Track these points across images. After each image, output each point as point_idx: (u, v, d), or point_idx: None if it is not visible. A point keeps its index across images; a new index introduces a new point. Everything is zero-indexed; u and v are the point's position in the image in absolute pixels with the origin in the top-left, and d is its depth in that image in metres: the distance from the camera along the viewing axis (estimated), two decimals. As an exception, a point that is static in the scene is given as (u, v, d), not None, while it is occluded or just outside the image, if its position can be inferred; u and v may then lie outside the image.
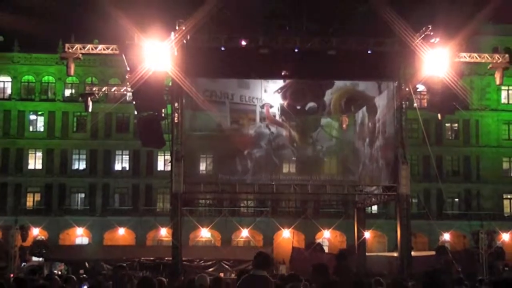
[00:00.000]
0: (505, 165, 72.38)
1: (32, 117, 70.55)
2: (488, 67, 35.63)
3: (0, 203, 67.65)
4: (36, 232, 59.91)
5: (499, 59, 33.52)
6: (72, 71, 33.13)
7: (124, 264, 14.93)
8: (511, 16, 67.00)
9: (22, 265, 43.98)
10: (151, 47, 26.94)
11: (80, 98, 42.45)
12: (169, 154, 32.79)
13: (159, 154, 64.65)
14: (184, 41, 27.62)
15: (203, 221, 61.65)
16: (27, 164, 69.64)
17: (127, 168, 70.29)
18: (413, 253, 31.20)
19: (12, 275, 21.09)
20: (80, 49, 31.72)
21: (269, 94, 31.72)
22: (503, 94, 71.17)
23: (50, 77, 70.14)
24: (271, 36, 28.38)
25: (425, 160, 61.28)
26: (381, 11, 27.24)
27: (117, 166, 70.54)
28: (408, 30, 28.02)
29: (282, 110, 32.21)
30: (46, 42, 66.34)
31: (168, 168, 34.49)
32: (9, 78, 70.59)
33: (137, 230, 66.93)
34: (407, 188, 29.88)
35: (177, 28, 27.42)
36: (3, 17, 74.58)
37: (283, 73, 30.26)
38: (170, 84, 29.55)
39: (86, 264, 35.18)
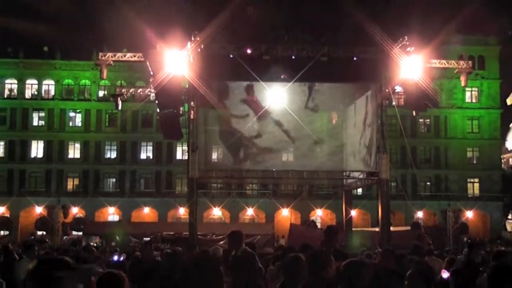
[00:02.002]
0: (469, 154, 72.42)
1: (72, 114, 70.66)
2: (455, 72, 35.48)
3: (45, 187, 67.84)
4: (75, 210, 60.13)
5: (463, 65, 33.51)
6: (104, 75, 33.08)
7: (149, 239, 14.85)
8: (473, 30, 66.91)
9: (64, 238, 44.06)
10: (171, 54, 26.84)
11: (111, 98, 42.39)
12: (186, 145, 32.65)
13: (177, 145, 64.73)
14: (199, 50, 27.48)
15: (214, 201, 61.88)
16: (68, 153, 69.82)
17: (151, 157, 70.41)
18: (391, 228, 31.11)
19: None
20: (111, 57, 31.66)
21: (270, 94, 31.63)
22: (467, 94, 71.10)
23: (87, 81, 70.20)
24: (272, 45, 28.25)
25: (402, 150, 61.27)
26: (365, 25, 27.12)
27: (143, 155, 70.68)
28: (388, 40, 27.88)
29: (282, 108, 32.15)
30: (83, 51, 66.48)
31: (185, 157, 34.40)
32: (52, 82, 70.68)
33: (160, 209, 67.07)
34: (387, 174, 29.77)
35: (193, 38, 27.30)
36: (48, 31, 74.38)
37: (282, 77, 30.09)
38: (187, 86, 29.43)
39: (117, 238, 35.09)
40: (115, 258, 12.68)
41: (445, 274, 8.06)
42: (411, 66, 28.34)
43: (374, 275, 4.63)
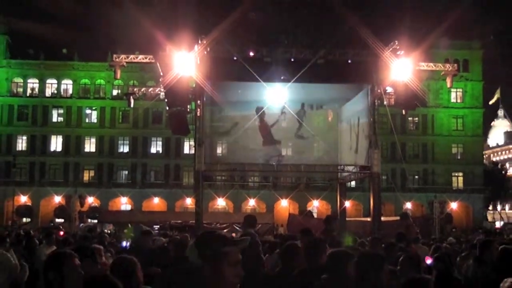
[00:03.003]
0: (454, 150, 72.42)
1: (88, 111, 70.76)
2: (441, 74, 35.40)
3: (63, 178, 68.02)
4: (91, 200, 60.20)
5: (449, 67, 33.41)
6: (118, 76, 33.01)
7: (148, 228, 14.82)
8: (458, 35, 66.90)
9: (80, 225, 44.03)
10: (179, 56, 26.76)
11: (124, 97, 42.33)
12: (193, 140, 32.60)
13: (185, 140, 64.79)
14: (205, 52, 27.41)
15: (219, 192, 61.87)
16: (84, 148, 69.92)
17: (161, 151, 70.47)
18: (382, 218, 31.08)
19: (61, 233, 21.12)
20: (125, 58, 31.59)
21: (272, 94, 31.60)
22: (453, 95, 71.09)
23: (102, 80, 70.22)
24: (273, 48, 28.18)
25: (392, 146, 61.19)
26: (359, 30, 27.02)
27: (153, 150, 70.75)
28: (379, 44, 27.77)
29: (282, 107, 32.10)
30: (99, 53, 66.55)
31: (192, 151, 34.34)
32: (70, 81, 70.74)
33: (168, 199, 67.15)
34: (378, 168, 29.72)
35: (199, 42, 27.22)
36: (66, 35, 74.23)
37: (282, 78, 30.00)
38: (194, 86, 29.35)
39: (129, 225, 35.11)
40: (123, 244, 12.70)
41: (428, 261, 8.04)
42: (401, 68, 28.25)
43: (358, 259, 4.67)
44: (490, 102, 76.13)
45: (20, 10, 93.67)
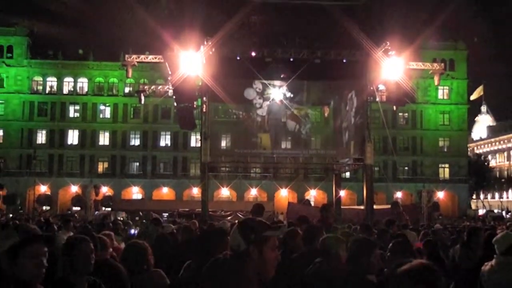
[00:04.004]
0: (441, 143, 72.33)
1: (102, 107, 70.71)
2: (429, 72, 35.34)
3: (79, 169, 68.06)
4: (105, 190, 60.17)
5: (437, 67, 33.36)
6: (130, 74, 32.99)
7: (157, 216, 14.78)
8: (445, 37, 66.71)
9: (95, 213, 44.04)
10: (186, 57, 26.70)
11: (136, 94, 42.31)
12: (199, 134, 32.59)
13: (192, 134, 64.67)
14: (210, 52, 27.35)
15: (223, 183, 61.94)
16: (98, 141, 69.92)
17: (169, 144, 70.44)
18: (374, 206, 31.07)
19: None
20: (136, 58, 31.56)
21: (272, 91, 31.55)
22: (440, 92, 70.93)
23: (115, 79, 70.14)
24: (273, 49, 28.11)
25: (384, 139, 61.08)
26: (353, 31, 26.93)
27: (162, 143, 70.71)
28: (372, 45, 27.69)
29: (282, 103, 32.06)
30: (112, 54, 66.34)
31: (199, 144, 34.33)
32: (86, 80, 70.68)
33: (176, 189, 67.17)
34: (371, 160, 29.72)
35: (205, 43, 27.16)
36: (82, 36, 74.07)
37: (282, 76, 29.96)
38: (200, 83, 29.31)
39: (140, 213, 35.14)
40: (132, 231, 12.69)
41: (418, 244, 8.05)
42: (392, 67, 28.18)
43: (350, 244, 4.68)
44: (472, 98, 75.74)
45: (40, 14, 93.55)
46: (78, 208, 52.32)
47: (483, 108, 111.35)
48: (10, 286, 2.73)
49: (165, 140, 70.69)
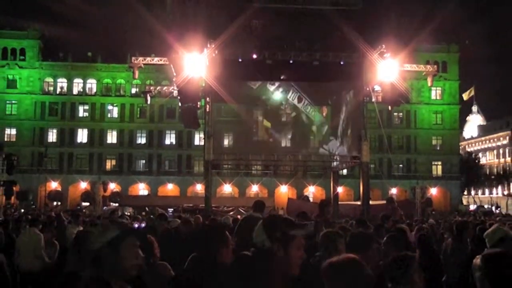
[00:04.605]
0: (434, 142, 72.25)
1: (110, 107, 70.68)
2: (423, 74, 35.32)
3: (88, 166, 68.08)
4: (113, 186, 60.10)
5: (430, 68, 33.37)
6: (136, 76, 33.05)
7: (162, 211, 14.73)
8: (438, 40, 66.60)
9: (104, 208, 44.06)
10: (190, 59, 26.71)
11: (142, 94, 42.26)
12: (202, 133, 32.58)
13: (196, 133, 64.65)
14: (213, 55, 27.36)
15: (226, 179, 61.97)
16: (106, 139, 69.92)
17: (174, 143, 70.42)
18: (370, 202, 31.04)
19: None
20: (142, 60, 31.58)
21: (273, 91, 31.53)
22: (433, 92, 70.84)
23: (122, 80, 70.12)
24: (273, 51, 28.10)
25: (380, 138, 60.99)
26: (350, 35, 26.92)
27: (167, 141, 70.69)
28: (369, 48, 27.70)
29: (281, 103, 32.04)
30: (119, 56, 66.36)
31: (202, 143, 34.33)
32: (94, 81, 70.67)
33: (181, 185, 67.16)
34: (367, 158, 29.71)
35: (208, 46, 27.16)
36: (91, 40, 74.03)
37: (282, 77, 29.97)
38: (203, 84, 29.30)
39: (146, 208, 35.15)
40: (136, 225, 12.66)
41: (412, 238, 8.03)
42: (387, 69, 28.17)
43: (349, 238, 4.66)
44: (464, 98, 75.61)
45: (51, 18, 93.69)
46: (87, 204, 52.34)
47: (474, 108, 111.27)
48: (111, 276, 2.72)
49: (170, 139, 70.67)
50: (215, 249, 3.72)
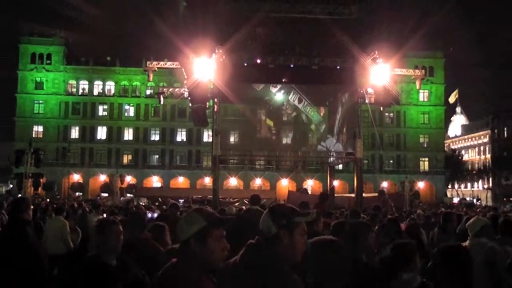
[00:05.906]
0: (421, 140, 72.15)
1: (126, 107, 70.79)
2: (412, 78, 35.19)
3: (107, 161, 68.24)
4: (129, 179, 60.29)
5: (418, 73, 33.30)
6: (151, 78, 32.99)
7: (174, 202, 14.74)
8: (425, 47, 66.35)
9: (121, 198, 44.15)
10: (200, 63, 26.67)
11: (156, 95, 42.25)
12: (211, 131, 32.58)
13: (204, 130, 64.66)
14: (221, 59, 27.30)
15: (231, 173, 62.02)
16: (123, 136, 70.05)
17: (184, 140, 70.49)
18: (364, 195, 30.99)
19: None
20: (156, 64, 31.52)
21: (275, 93, 31.51)
22: (421, 95, 70.65)
23: (138, 82, 70.17)
24: (276, 56, 28.03)
25: (372, 136, 60.86)
26: (345, 41, 26.83)
27: (178, 138, 70.76)
28: (362, 53, 27.58)
29: (282, 103, 32.01)
30: (135, 60, 66.30)
31: (210, 139, 34.33)
32: (112, 83, 70.78)
33: (191, 178, 67.24)
34: (361, 154, 29.64)
35: (216, 51, 27.10)
36: (110, 45, 73.94)
37: (283, 80, 29.91)
38: (212, 86, 29.28)
39: (159, 199, 35.16)
40: (149, 215, 12.69)
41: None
42: (380, 73, 28.05)
43: (349, 227, 4.62)
44: (450, 101, 75.33)
45: (74, 26, 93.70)
46: (106, 194, 52.44)
47: (458, 109, 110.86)
48: (199, 267, 2.56)
49: (181, 136, 70.74)
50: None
